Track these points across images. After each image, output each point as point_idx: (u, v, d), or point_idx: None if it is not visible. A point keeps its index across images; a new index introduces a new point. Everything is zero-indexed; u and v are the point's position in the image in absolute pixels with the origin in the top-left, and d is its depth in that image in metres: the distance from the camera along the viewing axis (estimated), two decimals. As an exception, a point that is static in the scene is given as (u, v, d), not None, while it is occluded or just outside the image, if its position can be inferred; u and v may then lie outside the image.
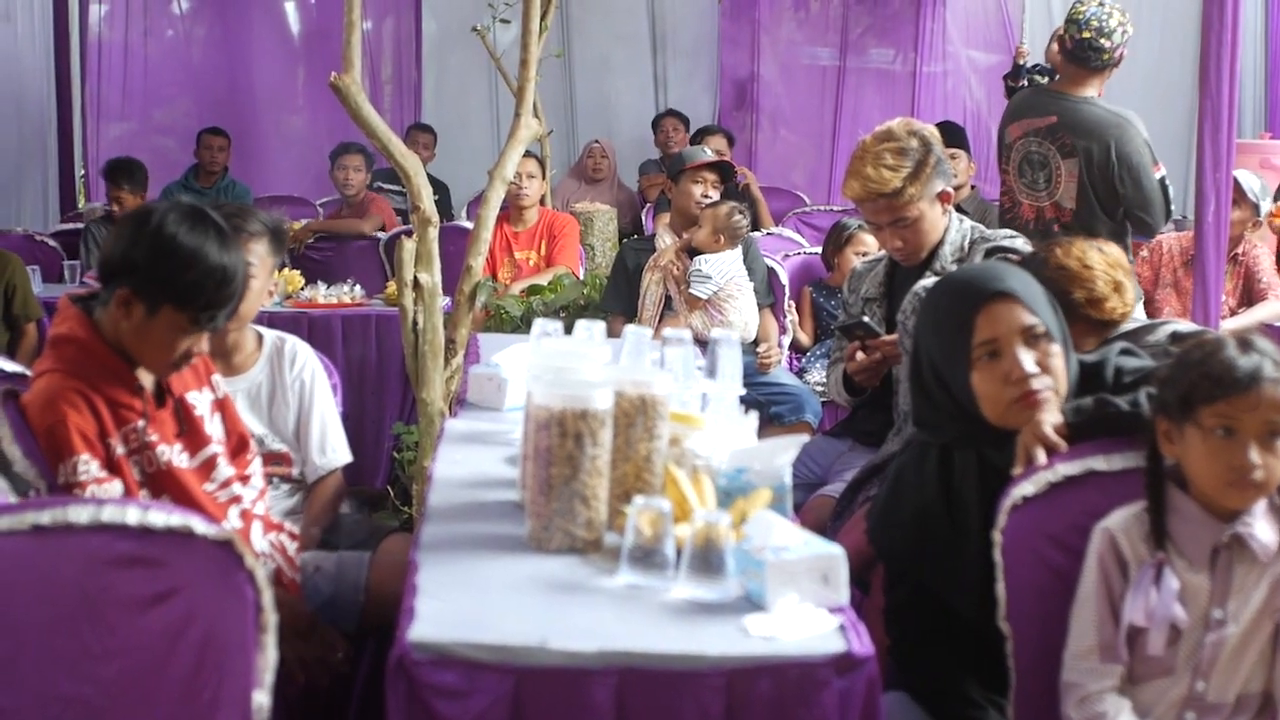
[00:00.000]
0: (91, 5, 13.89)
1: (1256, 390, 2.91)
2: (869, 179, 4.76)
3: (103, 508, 2.61)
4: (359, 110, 6.14)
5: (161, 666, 2.64)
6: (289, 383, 4.57)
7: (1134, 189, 6.42)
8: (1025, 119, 6.84)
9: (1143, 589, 2.98)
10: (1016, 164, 6.82)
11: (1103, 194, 6.50)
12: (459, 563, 2.98)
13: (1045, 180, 6.65)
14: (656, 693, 2.55)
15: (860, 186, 4.78)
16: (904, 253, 4.90)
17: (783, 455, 3.22)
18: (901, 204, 4.75)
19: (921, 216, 4.81)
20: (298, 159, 14.35)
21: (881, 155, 4.78)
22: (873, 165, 4.77)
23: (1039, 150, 6.67)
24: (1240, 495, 2.97)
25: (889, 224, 4.84)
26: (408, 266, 6.30)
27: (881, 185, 4.74)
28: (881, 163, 4.76)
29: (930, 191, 4.80)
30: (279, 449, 4.50)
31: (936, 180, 4.82)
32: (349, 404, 5.23)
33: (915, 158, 4.76)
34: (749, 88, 14.02)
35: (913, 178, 4.74)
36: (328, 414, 4.66)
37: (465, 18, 12.84)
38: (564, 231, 8.79)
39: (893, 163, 4.75)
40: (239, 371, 4.50)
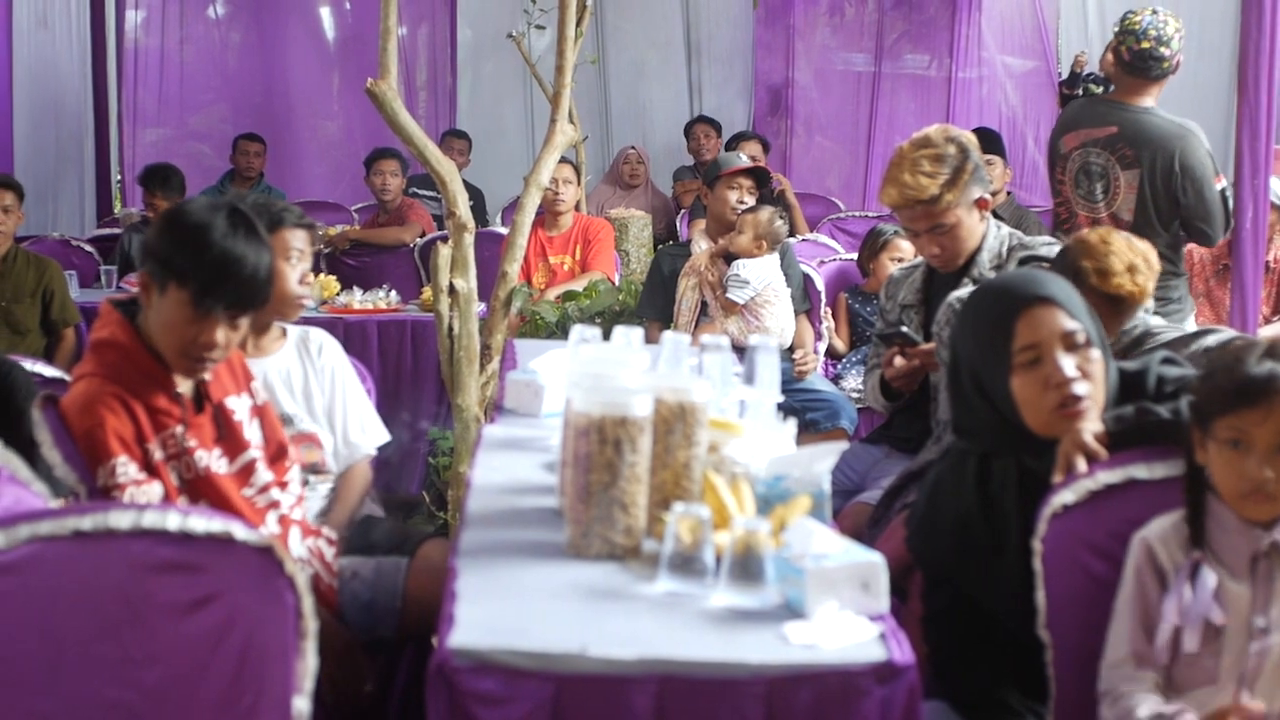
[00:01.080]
0: (128, 11, 13.93)
1: (1266, 403, 2.89)
2: (906, 186, 4.74)
3: (144, 513, 2.61)
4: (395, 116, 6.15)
5: (202, 672, 2.64)
6: (319, 369, 4.58)
7: (1196, 200, 6.36)
8: (1082, 129, 6.78)
9: (1178, 588, 2.97)
10: (1073, 175, 6.77)
11: (1163, 205, 6.45)
12: (498, 569, 2.97)
13: (1103, 191, 6.60)
14: (696, 701, 2.54)
15: (898, 193, 4.77)
16: (941, 259, 4.88)
17: (821, 462, 3.21)
18: (939, 211, 4.74)
19: (959, 223, 4.79)
20: (333, 165, 14.39)
21: (919, 162, 4.76)
22: (910, 172, 4.75)
23: (1098, 161, 6.63)
24: (1256, 507, 2.96)
25: (926, 231, 4.82)
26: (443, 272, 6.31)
27: (919, 192, 4.72)
28: (919, 170, 4.75)
29: (968, 198, 4.79)
30: (309, 429, 4.50)
31: (974, 187, 4.80)
32: (383, 409, 5.23)
33: (953, 164, 4.75)
34: (784, 94, 14.00)
35: (950, 184, 4.73)
36: (361, 395, 4.68)
37: (500, 24, 12.89)
38: (599, 237, 8.79)
39: (930, 169, 4.73)
40: (266, 353, 4.51)
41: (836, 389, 7.26)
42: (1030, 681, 3.22)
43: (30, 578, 2.60)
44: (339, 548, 4.08)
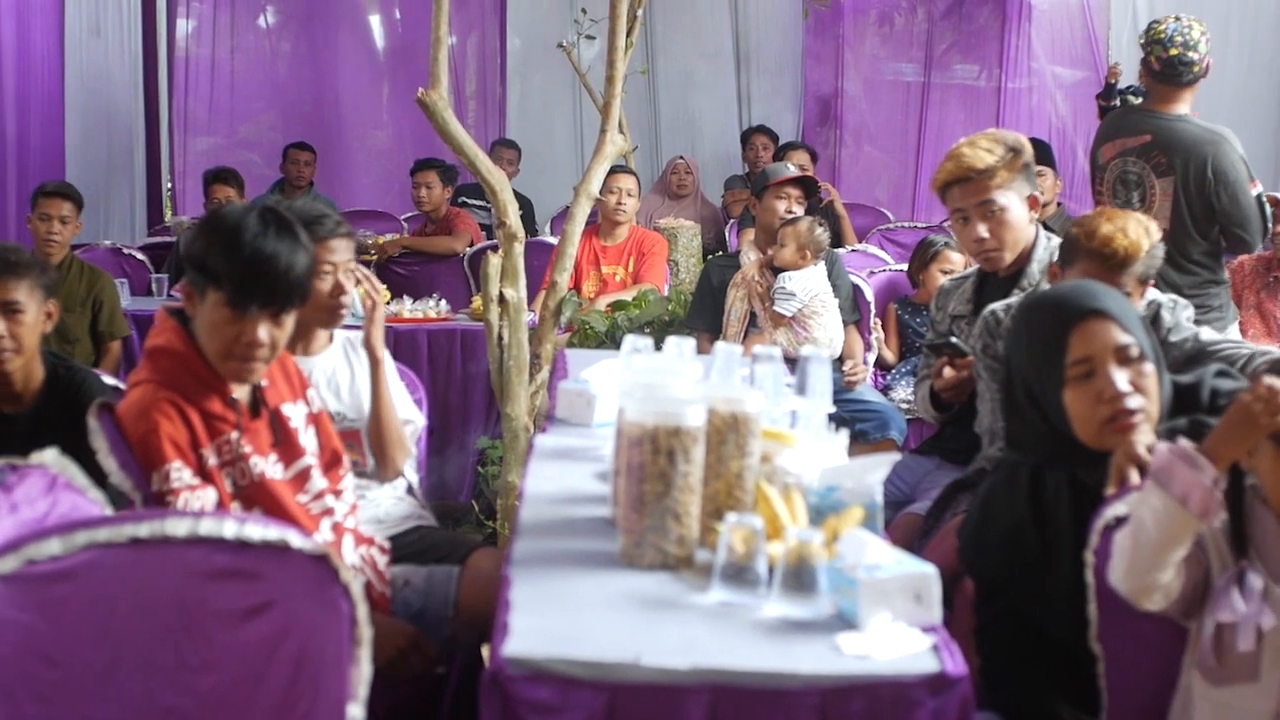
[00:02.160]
0: (179, 21, 14.02)
1: None
2: (963, 156, 4.77)
3: (200, 521, 2.63)
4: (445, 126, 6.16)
5: (258, 679, 2.66)
6: (363, 364, 4.60)
7: (1231, 205, 6.35)
8: (1118, 139, 6.79)
9: (1227, 590, 2.97)
10: (1110, 185, 6.77)
11: (1199, 211, 6.44)
12: (552, 578, 2.98)
13: (1140, 199, 6.60)
14: (750, 710, 2.55)
15: (954, 165, 4.79)
16: (990, 250, 4.85)
17: (874, 473, 3.21)
18: (992, 185, 4.74)
19: (1009, 208, 4.79)
20: (382, 174, 14.44)
21: (977, 140, 4.83)
22: (969, 146, 4.80)
23: (1134, 170, 6.62)
24: None
25: (976, 207, 4.81)
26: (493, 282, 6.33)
27: (975, 161, 4.74)
28: (977, 144, 4.79)
29: (1020, 186, 4.80)
30: (353, 426, 4.51)
31: (1026, 179, 4.82)
32: (433, 418, 5.26)
33: (1010, 147, 4.78)
34: (833, 104, 13.99)
35: (1005, 164, 4.75)
36: (398, 387, 4.69)
37: (549, 34, 12.92)
38: (653, 250, 8.79)
39: (988, 145, 4.77)
40: (313, 353, 4.53)
41: (886, 400, 7.24)
42: (1081, 694, 3.21)
43: (87, 584, 2.61)
44: (391, 555, 4.09)
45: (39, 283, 4.57)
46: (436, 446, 5.80)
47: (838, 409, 4.26)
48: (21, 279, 4.51)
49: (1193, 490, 2.88)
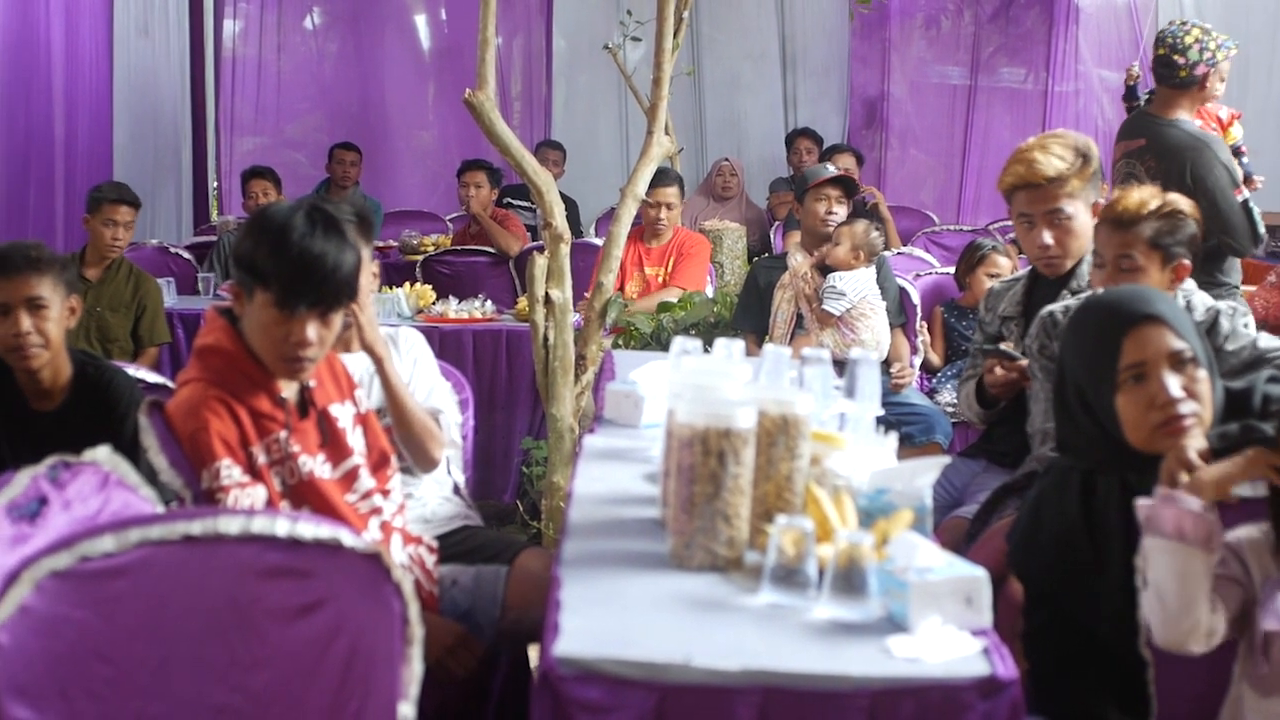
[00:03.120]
0: (226, 21, 14.09)
1: None
2: (1035, 162, 4.75)
3: (253, 519, 2.64)
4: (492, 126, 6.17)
5: (310, 676, 2.67)
6: (403, 358, 4.62)
7: (1210, 210, 6.32)
8: (1124, 141, 6.89)
9: (1271, 597, 2.96)
10: (1118, 186, 6.79)
11: None
12: (601, 579, 2.99)
13: None
14: (799, 712, 2.55)
15: (1025, 169, 4.77)
16: (1051, 256, 4.84)
17: (924, 476, 3.21)
18: (1063, 194, 4.73)
19: (1076, 216, 4.79)
20: (427, 174, 14.48)
21: (1049, 145, 4.80)
22: (1040, 151, 4.77)
23: (1134, 173, 6.65)
24: None
25: (1044, 214, 4.81)
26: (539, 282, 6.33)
27: (1047, 168, 4.73)
28: (1050, 150, 4.77)
29: (1088, 194, 4.81)
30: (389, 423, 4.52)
31: (1093, 188, 4.82)
32: (478, 419, 5.26)
33: (1081, 154, 4.78)
34: (879, 107, 13.97)
35: (1077, 172, 4.74)
36: (436, 380, 4.69)
37: (594, 35, 12.92)
38: (691, 251, 8.77)
39: (1061, 152, 4.76)
40: (353, 351, 4.54)
41: (932, 403, 7.23)
42: (1130, 699, 3.20)
43: (140, 581, 2.63)
44: (439, 555, 4.10)
45: (61, 279, 4.60)
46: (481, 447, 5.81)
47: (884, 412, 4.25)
48: (44, 275, 4.54)
49: (1183, 521, 2.90)
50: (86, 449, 3.15)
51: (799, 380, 3.80)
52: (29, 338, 4.45)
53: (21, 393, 4.56)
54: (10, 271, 4.50)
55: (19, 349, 4.45)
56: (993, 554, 3.70)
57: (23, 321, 4.44)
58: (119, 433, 4.44)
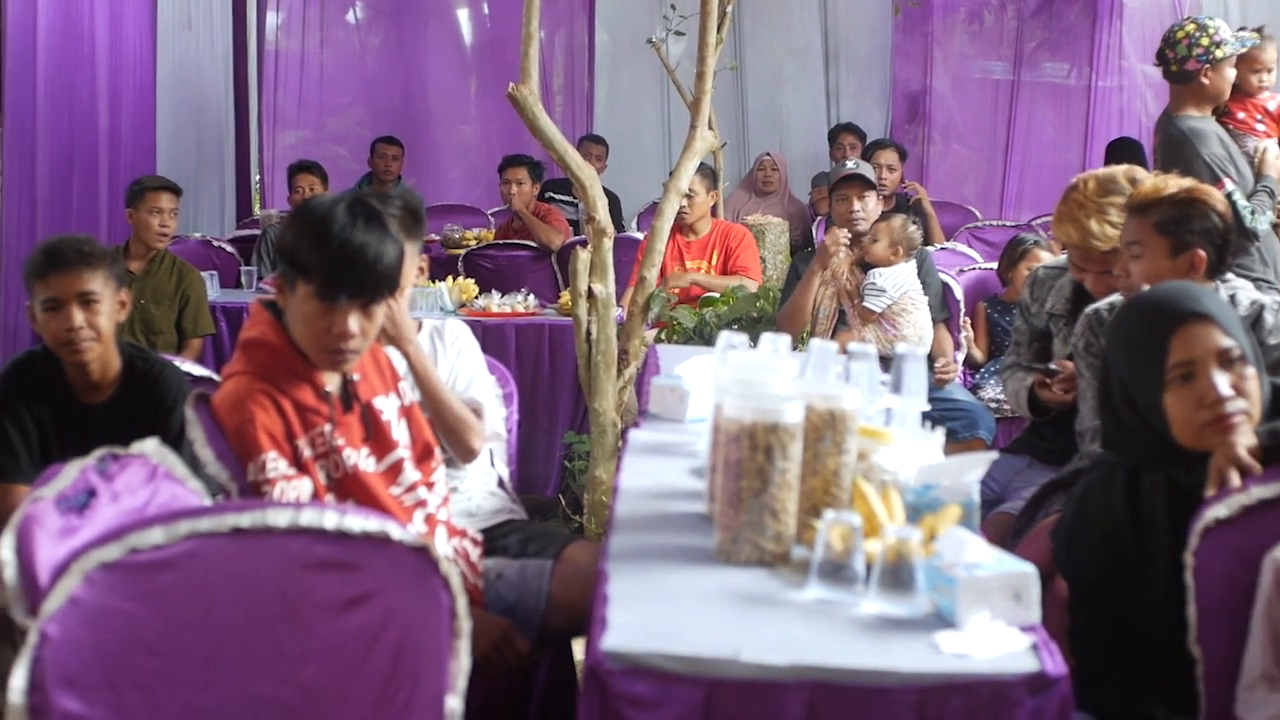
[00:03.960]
0: (269, 15, 14.15)
1: None
2: (1091, 233, 4.70)
3: (301, 511, 2.64)
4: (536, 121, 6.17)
5: (358, 669, 2.67)
6: (448, 349, 4.63)
7: None
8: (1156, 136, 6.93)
9: None
10: None
11: None
12: (648, 573, 2.99)
13: None
14: (848, 707, 2.54)
15: (1080, 237, 4.72)
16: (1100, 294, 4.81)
17: (971, 472, 3.20)
18: (1117, 260, 4.67)
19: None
20: (469, 168, 14.50)
21: (1106, 210, 4.71)
22: (1097, 220, 4.70)
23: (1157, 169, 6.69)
24: None
25: (1097, 273, 4.78)
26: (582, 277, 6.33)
27: (1103, 243, 4.69)
28: (1106, 218, 4.69)
29: None
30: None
31: None
32: (521, 413, 5.26)
33: None
34: (921, 101, 13.93)
35: None
36: (479, 372, 4.70)
37: (637, 29, 12.92)
38: (742, 242, 8.76)
39: (1116, 219, 4.66)
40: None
41: (975, 398, 7.21)
42: (1177, 696, 3.19)
43: (189, 574, 2.63)
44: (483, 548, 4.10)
45: (112, 273, 4.62)
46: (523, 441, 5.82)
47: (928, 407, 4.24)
48: (96, 270, 4.56)
49: None
50: (134, 441, 3.16)
51: (844, 375, 3.80)
52: (81, 332, 4.46)
53: (70, 386, 4.58)
54: (62, 266, 4.52)
55: (71, 343, 4.47)
56: (1039, 551, 3.70)
57: (75, 316, 4.46)
58: (166, 425, 4.46)
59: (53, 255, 4.54)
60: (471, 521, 4.37)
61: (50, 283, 4.50)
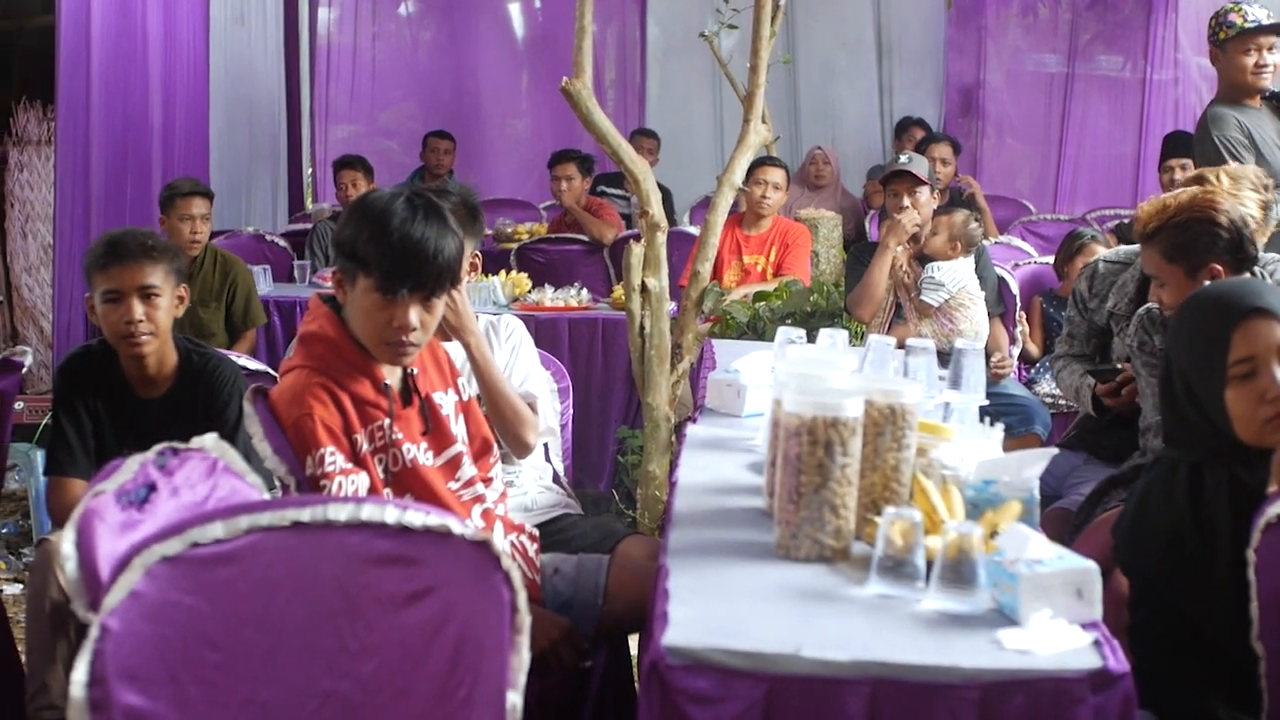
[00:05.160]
0: (321, 9, 14.19)
1: None
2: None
3: (362, 506, 2.64)
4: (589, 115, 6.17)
5: (418, 664, 2.66)
6: (503, 345, 4.64)
7: None
8: None
9: None
10: None
11: None
12: (708, 569, 2.99)
13: None
14: (910, 704, 2.54)
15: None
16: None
17: (1032, 468, 3.19)
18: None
19: None
20: (521, 162, 14.52)
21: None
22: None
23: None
24: None
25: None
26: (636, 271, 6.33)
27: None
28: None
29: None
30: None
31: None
32: (574, 407, 5.26)
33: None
34: (975, 95, 13.88)
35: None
36: (534, 367, 4.71)
37: (689, 22, 12.90)
38: (797, 242, 8.74)
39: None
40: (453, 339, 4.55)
41: (1030, 393, 7.19)
42: (1239, 694, 3.17)
43: (250, 568, 2.63)
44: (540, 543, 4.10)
45: (172, 267, 4.63)
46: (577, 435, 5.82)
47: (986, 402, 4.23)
48: (158, 264, 4.57)
49: None
50: (189, 436, 3.16)
51: (903, 370, 3.79)
52: (139, 325, 4.48)
53: (126, 380, 4.59)
54: (125, 259, 4.53)
55: (129, 336, 4.48)
56: (1098, 547, 3.67)
57: (135, 309, 4.48)
58: (221, 420, 4.48)
59: (115, 247, 4.55)
60: (528, 516, 4.38)
61: (111, 274, 4.52)
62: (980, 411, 3.84)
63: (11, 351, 4.49)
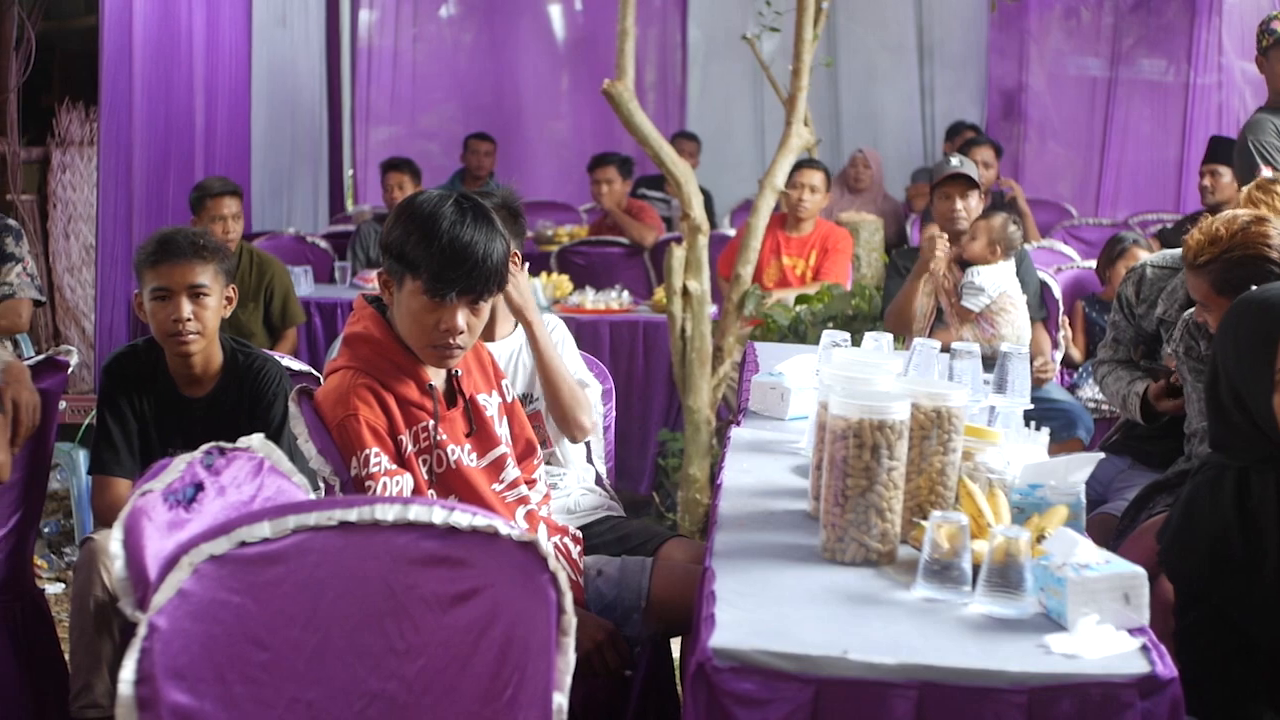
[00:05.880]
0: (362, 12, 14.24)
1: None
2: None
3: (409, 506, 2.64)
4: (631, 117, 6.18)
5: (464, 664, 2.67)
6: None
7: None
8: None
9: None
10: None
11: None
12: (753, 571, 3.00)
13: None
14: (957, 708, 2.54)
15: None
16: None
17: (1078, 472, 3.18)
18: None
19: None
20: (561, 165, 14.52)
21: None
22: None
23: None
24: None
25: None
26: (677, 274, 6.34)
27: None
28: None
29: None
30: (538, 409, 4.54)
31: None
32: (616, 409, 5.26)
33: None
34: (1017, 98, 13.83)
35: None
36: (578, 365, 4.72)
37: (729, 25, 12.90)
38: (837, 247, 8.71)
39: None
40: (496, 339, 4.56)
41: (1073, 398, 7.17)
42: (1286, 700, 3.16)
43: (296, 567, 2.64)
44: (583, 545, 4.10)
45: (222, 267, 4.64)
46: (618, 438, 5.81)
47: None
48: (208, 263, 4.58)
49: None
50: (234, 435, 3.17)
51: (948, 374, 3.78)
52: (188, 324, 4.48)
53: (172, 379, 4.60)
54: (176, 257, 4.53)
55: (177, 334, 4.48)
56: (1143, 552, 3.66)
57: (183, 307, 4.48)
58: (266, 419, 4.49)
59: (167, 245, 4.56)
60: (571, 518, 4.38)
61: (161, 272, 4.52)
62: (1024, 416, 3.83)
63: (57, 351, 4.49)
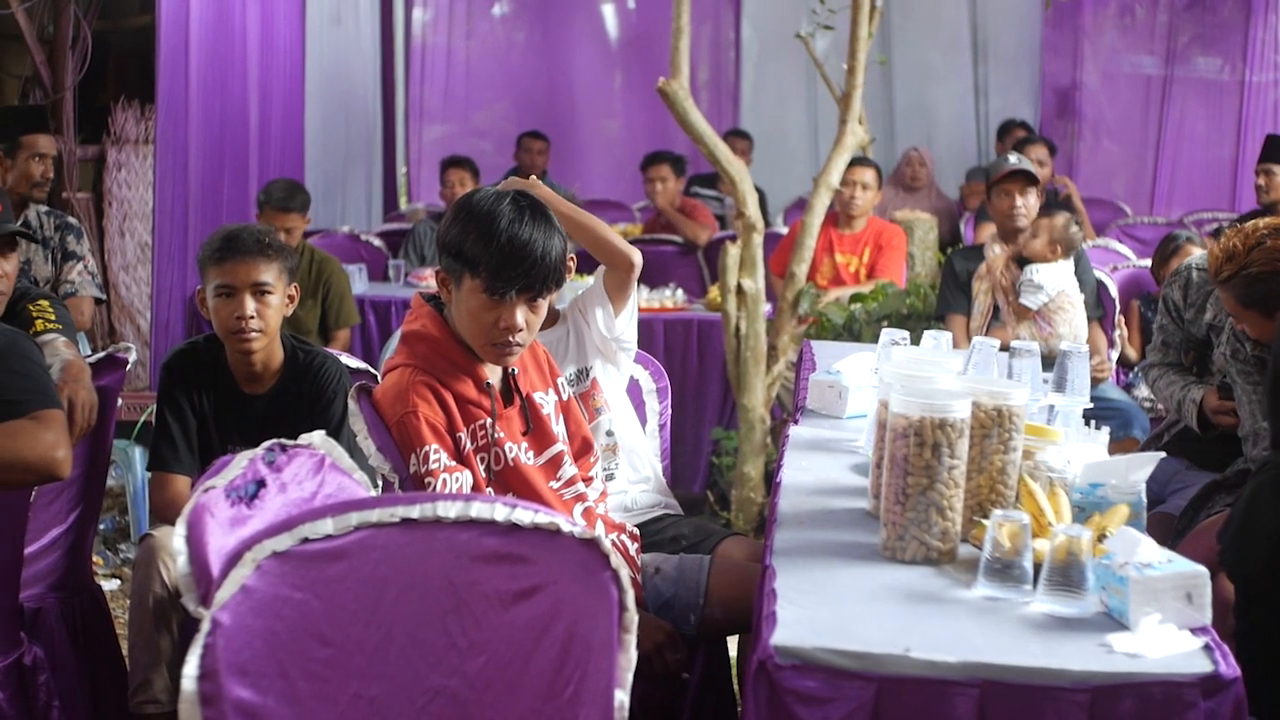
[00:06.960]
0: (416, 10, 14.29)
1: None
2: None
3: (471, 503, 2.65)
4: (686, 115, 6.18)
5: (526, 661, 2.67)
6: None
7: None
8: None
9: None
10: None
11: None
12: (814, 569, 3.00)
13: None
14: (1019, 706, 2.54)
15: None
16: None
17: (1139, 471, 3.17)
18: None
19: None
20: (614, 163, 14.52)
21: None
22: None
23: None
24: None
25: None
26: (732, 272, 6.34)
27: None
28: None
29: None
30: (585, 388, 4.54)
31: None
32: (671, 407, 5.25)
33: None
34: (1071, 96, 13.78)
35: None
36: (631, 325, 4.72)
37: (783, 23, 12.89)
38: (892, 244, 8.68)
39: None
40: (544, 328, 4.56)
41: (1129, 397, 7.14)
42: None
43: (359, 564, 2.65)
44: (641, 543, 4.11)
45: (285, 266, 4.65)
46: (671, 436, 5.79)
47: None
48: (272, 262, 4.59)
49: None
50: (293, 432, 3.18)
51: (1007, 372, 3.78)
52: (250, 322, 4.48)
53: (232, 376, 4.61)
54: (240, 254, 4.54)
55: (240, 332, 4.48)
56: (1203, 551, 3.65)
57: (247, 305, 4.48)
58: (325, 417, 4.50)
59: (232, 242, 4.56)
60: (628, 516, 4.38)
61: (225, 269, 4.53)
62: (1082, 415, 3.82)
63: (116, 348, 4.50)
